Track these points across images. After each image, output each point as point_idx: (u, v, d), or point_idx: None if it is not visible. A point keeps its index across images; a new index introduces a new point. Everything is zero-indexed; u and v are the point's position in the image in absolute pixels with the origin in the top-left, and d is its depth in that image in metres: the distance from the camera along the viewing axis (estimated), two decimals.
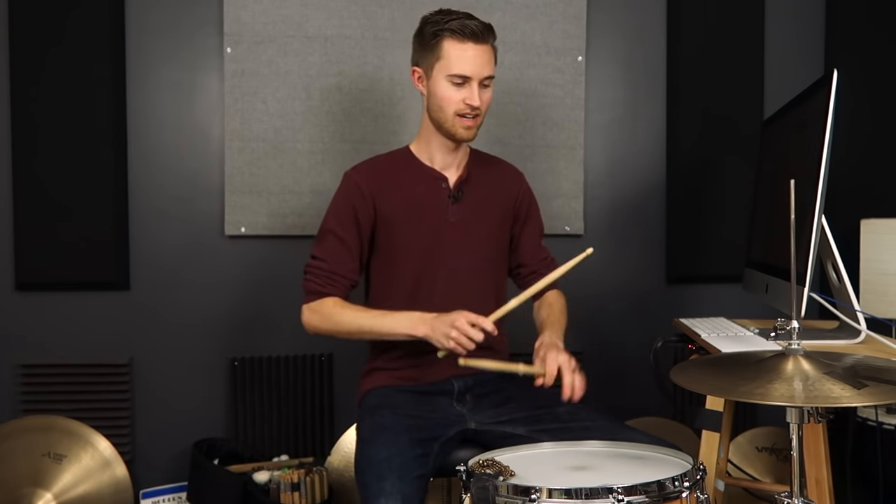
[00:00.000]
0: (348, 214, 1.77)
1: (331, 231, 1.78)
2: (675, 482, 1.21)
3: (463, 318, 1.58)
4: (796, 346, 1.23)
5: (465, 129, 1.73)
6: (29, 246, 2.37)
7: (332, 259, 1.76)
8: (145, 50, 2.44)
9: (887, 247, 2.07)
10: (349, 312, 1.74)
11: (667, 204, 2.73)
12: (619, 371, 2.71)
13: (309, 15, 2.47)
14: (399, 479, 1.44)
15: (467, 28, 1.68)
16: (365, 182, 1.78)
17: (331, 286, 1.75)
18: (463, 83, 1.70)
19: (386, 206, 1.78)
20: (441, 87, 1.71)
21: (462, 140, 1.76)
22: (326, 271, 1.76)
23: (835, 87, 1.57)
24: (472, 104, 1.70)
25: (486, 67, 1.71)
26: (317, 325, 1.77)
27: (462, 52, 1.68)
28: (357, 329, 1.73)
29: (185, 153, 2.48)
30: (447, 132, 1.75)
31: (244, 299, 2.51)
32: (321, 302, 1.75)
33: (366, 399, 1.79)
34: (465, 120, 1.72)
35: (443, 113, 1.73)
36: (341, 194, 1.80)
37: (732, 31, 2.71)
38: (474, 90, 1.70)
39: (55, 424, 2.34)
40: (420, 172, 1.82)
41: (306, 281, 1.78)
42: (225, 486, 2.24)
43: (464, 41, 1.68)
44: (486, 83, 1.72)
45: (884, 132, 2.60)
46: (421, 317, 1.65)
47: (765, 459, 2.50)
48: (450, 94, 1.70)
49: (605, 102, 2.70)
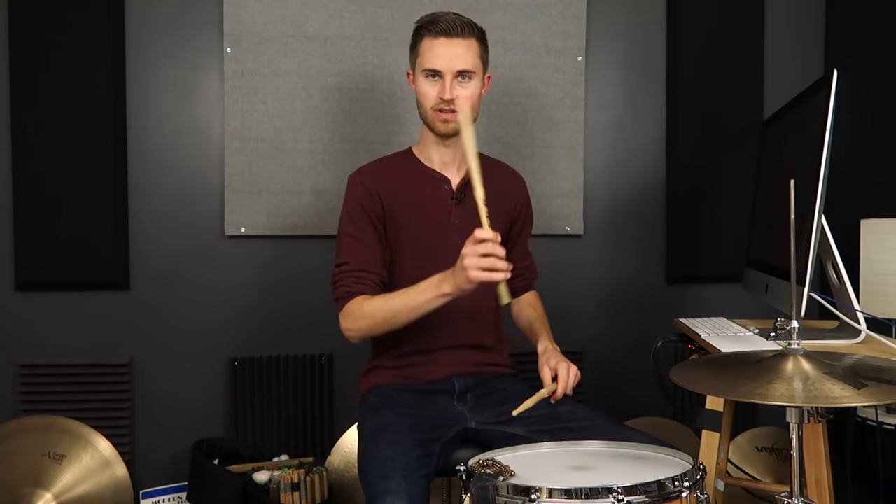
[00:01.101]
0: (360, 215, 1.76)
1: (347, 235, 1.77)
2: (675, 482, 1.21)
3: (467, 248, 1.50)
4: (796, 346, 1.24)
5: (443, 123, 1.75)
6: (29, 246, 2.37)
7: (355, 260, 1.74)
8: (145, 50, 2.44)
9: (887, 247, 2.08)
10: (377, 302, 1.69)
11: (666, 204, 2.73)
12: (619, 371, 2.71)
13: (309, 15, 2.47)
14: (404, 478, 1.44)
15: (440, 24, 1.71)
16: (370, 182, 1.78)
17: (359, 284, 1.72)
18: (436, 77, 1.73)
19: (391, 205, 1.78)
20: (420, 83, 1.76)
21: (441, 134, 1.77)
22: (352, 273, 1.73)
23: (835, 87, 1.57)
24: (443, 97, 1.72)
25: (457, 61, 1.71)
26: (354, 327, 1.71)
27: (433, 47, 1.72)
28: (391, 315, 1.66)
29: (185, 153, 2.48)
30: (430, 128, 1.78)
31: (244, 299, 2.51)
32: (351, 303, 1.71)
33: (367, 398, 1.79)
34: (440, 114, 1.74)
35: (423, 109, 1.77)
36: (349, 197, 1.79)
37: (732, 32, 2.71)
38: (447, 84, 1.71)
39: (55, 424, 2.34)
40: (423, 174, 1.82)
41: (335, 289, 1.75)
42: (225, 486, 2.24)
43: (436, 37, 1.72)
44: (463, 76, 1.73)
45: (884, 132, 2.60)
46: (441, 276, 1.59)
47: (765, 459, 2.50)
48: (425, 89, 1.74)
49: (605, 102, 2.70)
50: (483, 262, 1.48)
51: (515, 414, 1.60)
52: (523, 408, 1.61)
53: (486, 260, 1.48)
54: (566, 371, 1.67)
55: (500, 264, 1.48)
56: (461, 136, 1.62)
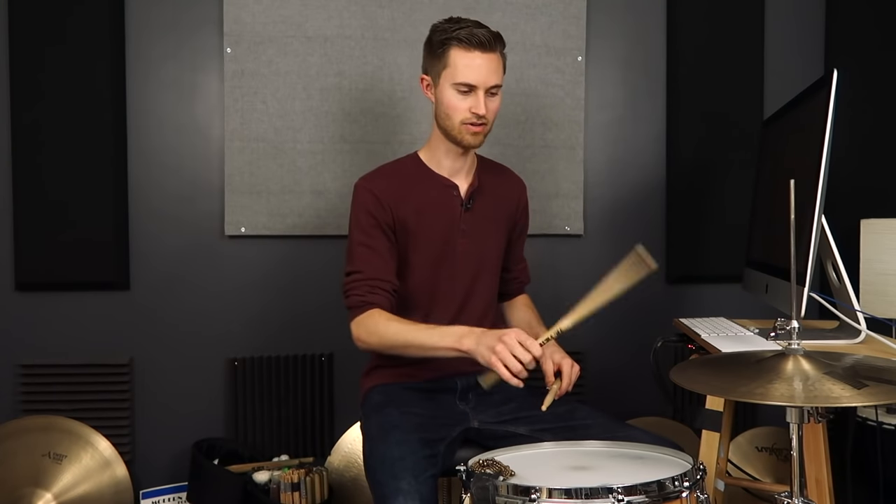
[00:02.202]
0: (370, 223, 1.73)
1: (358, 243, 1.74)
2: (675, 482, 1.21)
3: (514, 335, 1.48)
4: (796, 346, 1.23)
5: (472, 136, 1.72)
6: (29, 246, 2.37)
7: (367, 268, 1.72)
8: (145, 50, 2.44)
9: (887, 247, 2.08)
10: (394, 326, 1.66)
11: (667, 204, 2.73)
12: (619, 371, 2.70)
13: (309, 15, 2.47)
14: (415, 478, 1.44)
15: (475, 37, 1.67)
16: (379, 189, 1.75)
17: (372, 294, 1.70)
18: (469, 91, 1.68)
19: (400, 212, 1.75)
20: (447, 95, 1.70)
21: (469, 147, 1.75)
22: (364, 281, 1.71)
23: (835, 87, 1.57)
24: (477, 112, 1.68)
25: (492, 76, 1.69)
26: (365, 340, 1.69)
27: (469, 61, 1.67)
28: (403, 344, 1.65)
29: (185, 153, 2.48)
30: (454, 139, 1.74)
31: (244, 299, 2.51)
32: (368, 314, 1.69)
33: (369, 396, 1.79)
34: (471, 127, 1.71)
35: (449, 121, 1.72)
36: (358, 205, 1.76)
37: (732, 31, 2.71)
38: (480, 99, 1.68)
39: (55, 424, 2.34)
40: (431, 180, 1.80)
41: (347, 297, 1.72)
42: (225, 486, 2.24)
43: (471, 50, 1.67)
44: (493, 91, 1.71)
45: (884, 132, 2.60)
46: (470, 329, 1.57)
47: (765, 459, 2.50)
48: (455, 103, 1.69)
49: (605, 102, 2.70)
50: (509, 357, 1.47)
51: (545, 409, 1.56)
52: (548, 402, 1.58)
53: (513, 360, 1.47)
54: (569, 367, 1.66)
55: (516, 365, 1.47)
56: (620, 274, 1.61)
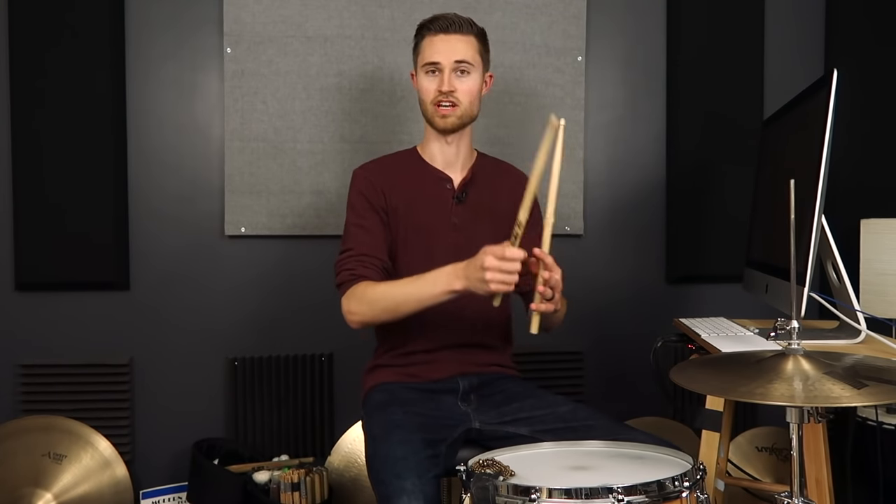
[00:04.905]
0: (364, 205, 1.79)
1: (351, 224, 1.79)
2: (675, 482, 1.21)
3: (489, 255, 1.48)
4: (796, 346, 1.23)
5: (441, 118, 1.77)
6: (29, 246, 2.37)
7: (358, 245, 1.75)
8: (145, 49, 2.44)
9: (887, 247, 2.07)
10: (381, 288, 1.68)
11: (667, 204, 2.73)
12: (619, 371, 2.71)
13: (309, 15, 2.47)
14: (418, 477, 1.44)
15: (439, 21, 1.76)
16: (373, 176, 1.81)
17: (362, 267, 1.71)
18: (436, 72, 1.76)
19: (393, 201, 1.79)
20: (420, 79, 1.80)
21: (440, 129, 1.79)
22: (354, 257, 1.73)
23: (835, 87, 1.57)
24: (441, 89, 1.74)
25: (455, 53, 1.75)
26: (356, 310, 1.68)
27: (431, 43, 1.76)
28: (394, 304, 1.65)
29: (185, 153, 2.48)
30: (431, 123, 1.80)
31: (244, 299, 2.51)
32: (354, 287, 1.70)
33: (371, 395, 1.79)
34: (440, 108, 1.76)
35: (424, 105, 1.80)
36: (354, 189, 1.82)
37: (732, 31, 2.71)
38: (445, 76, 1.74)
39: (55, 424, 2.34)
40: (425, 172, 1.83)
41: (338, 274, 1.74)
42: (225, 486, 2.24)
43: (435, 34, 1.76)
44: (462, 69, 1.75)
45: (884, 132, 2.60)
46: (453, 270, 1.57)
47: (765, 459, 2.50)
48: (426, 85, 1.78)
49: (605, 102, 2.70)
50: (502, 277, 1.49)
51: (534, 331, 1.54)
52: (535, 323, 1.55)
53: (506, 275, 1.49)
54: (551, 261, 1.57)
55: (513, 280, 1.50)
56: (543, 148, 1.58)
